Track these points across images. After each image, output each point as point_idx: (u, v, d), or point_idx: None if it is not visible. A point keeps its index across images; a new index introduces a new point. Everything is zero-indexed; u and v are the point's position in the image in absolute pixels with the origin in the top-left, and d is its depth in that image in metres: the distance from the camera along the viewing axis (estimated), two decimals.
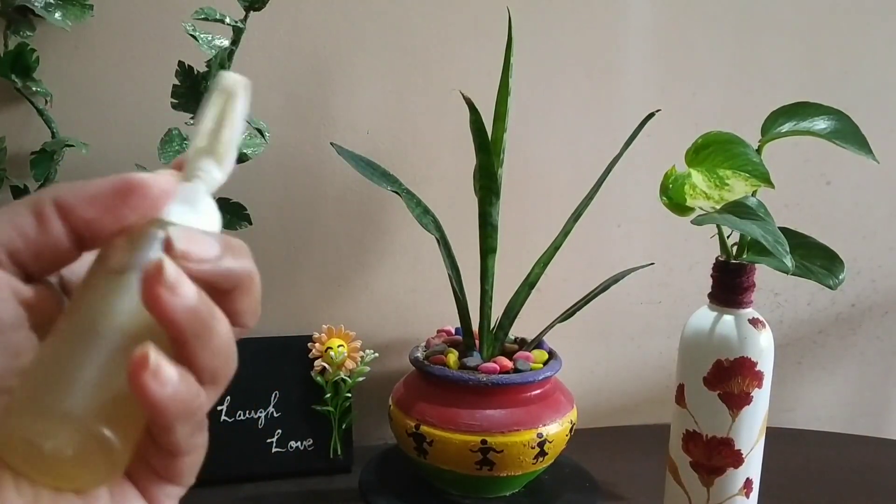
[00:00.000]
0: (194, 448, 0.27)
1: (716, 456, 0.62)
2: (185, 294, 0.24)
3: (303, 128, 0.83)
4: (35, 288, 0.26)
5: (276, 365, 0.78)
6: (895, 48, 0.98)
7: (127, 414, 0.26)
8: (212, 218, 0.30)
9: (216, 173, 0.31)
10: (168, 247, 0.25)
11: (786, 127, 0.62)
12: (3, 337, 0.25)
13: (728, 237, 0.63)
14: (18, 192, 0.72)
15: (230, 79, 0.31)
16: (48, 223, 0.26)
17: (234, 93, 0.31)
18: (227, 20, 0.66)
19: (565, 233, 0.75)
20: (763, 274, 0.63)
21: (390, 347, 0.90)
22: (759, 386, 0.61)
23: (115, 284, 0.26)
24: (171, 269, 0.24)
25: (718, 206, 0.60)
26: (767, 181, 0.60)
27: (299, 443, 0.80)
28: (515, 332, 0.79)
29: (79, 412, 0.24)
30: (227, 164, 0.31)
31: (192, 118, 0.68)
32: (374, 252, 0.88)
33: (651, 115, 0.73)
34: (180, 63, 0.67)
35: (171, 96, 0.67)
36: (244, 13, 0.66)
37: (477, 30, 0.86)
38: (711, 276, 0.64)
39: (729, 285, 0.62)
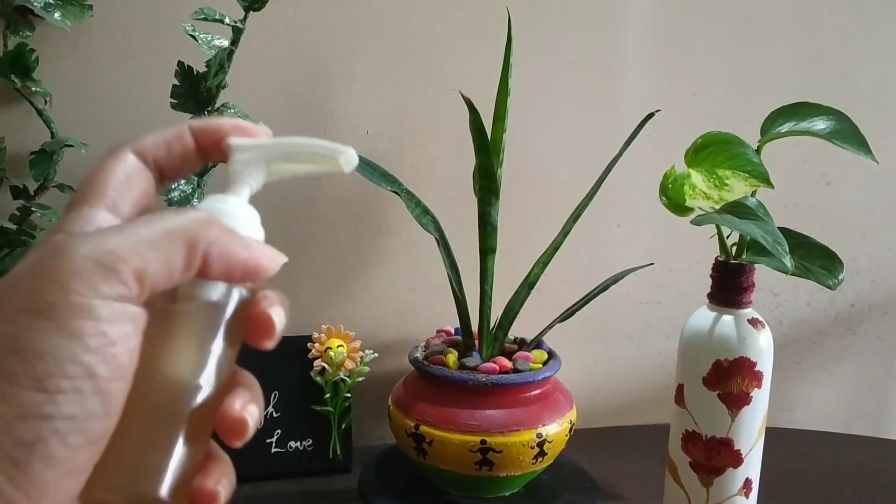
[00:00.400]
0: None
1: (715, 456, 0.62)
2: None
3: (302, 128, 0.83)
4: None
5: (276, 365, 0.78)
6: (894, 48, 0.98)
7: (181, 465, 0.28)
8: (258, 235, 0.32)
9: (259, 185, 0.33)
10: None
11: (785, 127, 0.62)
12: (128, 389, 0.26)
13: (727, 237, 0.63)
14: (18, 193, 0.72)
15: (350, 158, 0.33)
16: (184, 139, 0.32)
17: (340, 168, 0.33)
18: (227, 20, 0.66)
19: (565, 233, 0.75)
20: (762, 274, 0.63)
21: (390, 347, 0.90)
22: (759, 386, 0.61)
23: (177, 320, 0.29)
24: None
25: (718, 207, 0.60)
26: (767, 181, 0.60)
27: (299, 443, 0.80)
28: (515, 332, 0.79)
29: (128, 485, 0.27)
30: (266, 181, 0.33)
31: (191, 118, 0.68)
32: (374, 252, 0.88)
33: (650, 116, 0.73)
34: (180, 63, 0.67)
35: (171, 96, 0.67)
36: (243, 13, 0.66)
37: (476, 30, 0.86)
38: (711, 276, 0.64)
39: (728, 285, 0.62)
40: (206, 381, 0.29)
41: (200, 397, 0.28)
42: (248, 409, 0.30)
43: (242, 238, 0.29)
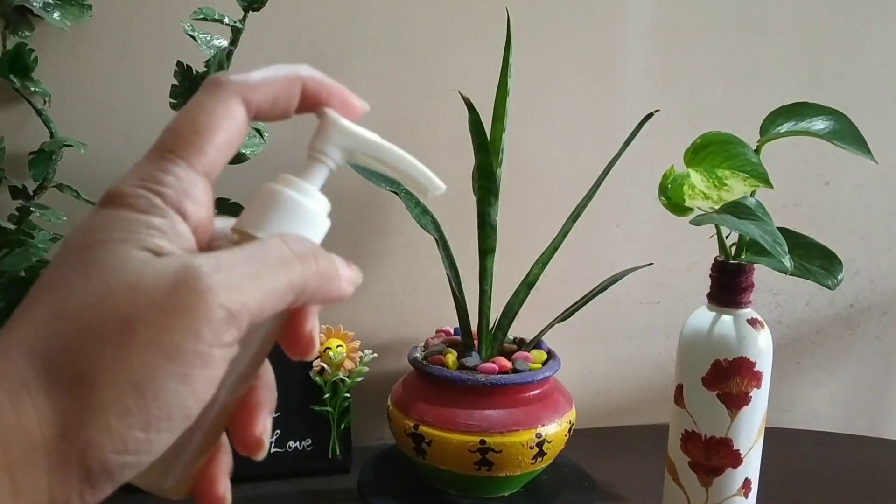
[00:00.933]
0: None
1: (714, 456, 0.62)
2: None
3: (301, 128, 0.83)
4: None
5: (275, 365, 0.78)
6: (893, 48, 0.98)
7: (192, 459, 0.29)
8: (323, 229, 0.31)
9: (338, 164, 0.31)
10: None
11: (784, 127, 0.62)
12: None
13: (727, 237, 0.63)
14: (17, 192, 0.72)
15: (438, 192, 0.33)
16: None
17: (423, 193, 0.33)
18: (226, 20, 0.66)
19: (564, 233, 0.75)
20: (762, 274, 0.63)
21: (389, 348, 0.90)
22: (758, 386, 0.61)
23: None
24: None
25: (717, 207, 0.60)
26: (766, 181, 0.60)
27: (298, 443, 0.80)
28: (514, 332, 0.79)
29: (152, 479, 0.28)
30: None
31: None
32: (373, 252, 0.88)
33: (650, 116, 0.73)
34: (179, 63, 0.67)
35: (170, 96, 0.67)
36: (243, 13, 0.66)
37: (476, 30, 0.86)
38: (710, 276, 0.64)
39: (727, 285, 0.62)
40: (230, 391, 0.29)
41: (220, 405, 0.29)
42: (266, 429, 0.30)
43: (338, 274, 0.30)
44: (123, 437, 0.23)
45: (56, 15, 0.70)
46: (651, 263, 0.82)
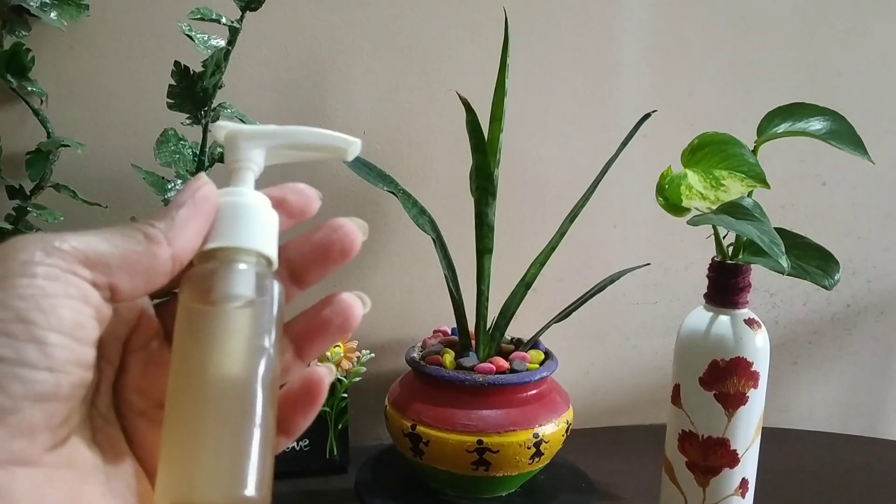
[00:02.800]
0: None
1: (711, 456, 0.62)
2: None
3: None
4: (121, 307, 0.28)
5: None
6: (890, 49, 0.98)
7: (263, 460, 0.28)
8: (274, 220, 0.31)
9: (261, 170, 0.32)
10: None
11: (781, 128, 0.62)
12: (80, 351, 0.26)
13: (724, 238, 0.64)
14: (14, 192, 0.72)
15: (357, 149, 0.33)
16: (159, 248, 0.28)
17: (346, 157, 0.33)
18: (224, 20, 0.66)
19: (561, 233, 0.75)
20: (759, 274, 0.63)
21: (386, 348, 0.90)
22: (755, 386, 0.61)
23: (221, 321, 0.28)
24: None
25: (714, 207, 0.60)
26: (763, 182, 0.60)
27: (295, 443, 0.80)
28: (512, 332, 0.79)
29: (220, 488, 0.27)
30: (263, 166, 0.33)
31: (187, 118, 0.68)
32: (371, 252, 0.88)
33: (647, 116, 0.73)
34: (176, 63, 0.67)
35: (167, 96, 0.67)
36: (240, 13, 0.66)
37: (473, 30, 0.86)
38: (707, 276, 0.64)
39: (725, 286, 0.62)
40: (267, 375, 0.29)
41: (266, 391, 0.28)
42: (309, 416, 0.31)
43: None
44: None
45: (53, 14, 0.70)
46: (648, 264, 0.82)
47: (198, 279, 0.29)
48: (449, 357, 0.74)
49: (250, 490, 0.27)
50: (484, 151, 0.71)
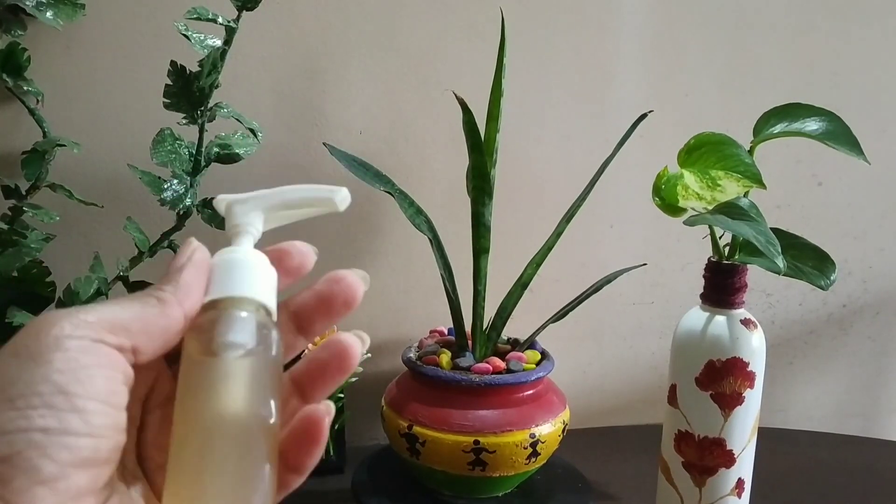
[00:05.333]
0: None
1: (708, 456, 0.62)
2: None
3: (295, 128, 0.83)
4: (140, 368, 0.30)
5: None
6: (886, 50, 0.98)
7: (265, 493, 0.29)
8: (271, 274, 0.32)
9: (260, 233, 0.34)
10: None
11: (778, 128, 0.62)
12: (115, 416, 0.27)
13: (720, 238, 0.64)
14: (9, 192, 0.71)
15: (345, 197, 0.34)
16: (171, 308, 0.30)
17: (336, 208, 0.34)
18: (220, 20, 0.65)
19: (558, 233, 0.75)
20: (755, 274, 0.63)
21: (383, 348, 0.90)
22: (751, 386, 0.61)
23: (224, 368, 0.29)
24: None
25: (710, 207, 0.60)
26: (759, 182, 0.60)
27: None
28: (508, 332, 0.79)
29: None
30: (264, 228, 0.34)
31: (184, 118, 0.68)
32: (367, 252, 0.88)
33: (643, 116, 0.73)
34: (172, 63, 0.67)
35: (164, 96, 0.67)
36: (237, 13, 0.66)
37: (470, 30, 0.86)
38: (703, 276, 0.64)
39: (721, 286, 0.62)
40: (268, 421, 0.30)
41: (266, 436, 0.29)
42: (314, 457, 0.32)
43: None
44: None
45: (49, 14, 0.70)
46: (645, 264, 0.82)
47: (199, 329, 0.30)
48: (445, 357, 0.74)
49: None
50: (480, 151, 0.71)
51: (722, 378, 0.61)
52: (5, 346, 0.27)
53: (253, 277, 0.31)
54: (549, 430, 0.71)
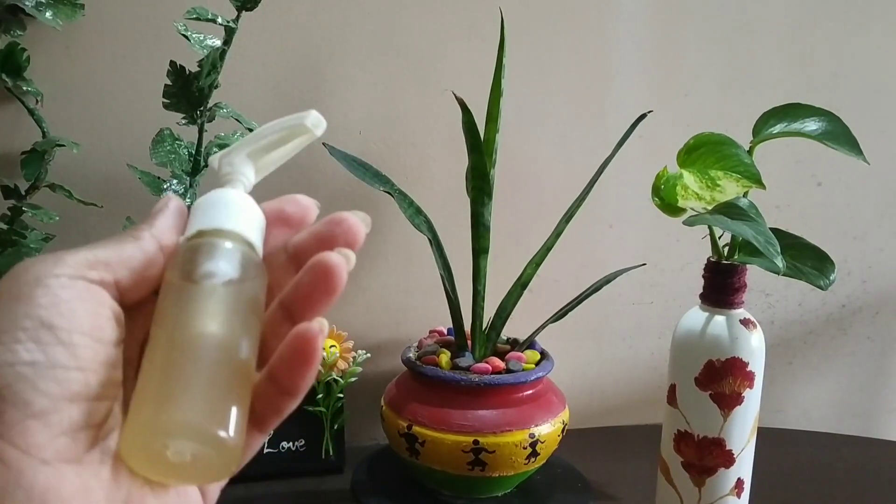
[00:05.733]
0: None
1: (707, 456, 0.62)
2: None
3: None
4: (135, 312, 0.30)
5: None
6: (885, 50, 0.98)
7: (237, 409, 0.28)
8: (258, 215, 0.32)
9: (252, 180, 0.34)
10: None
11: (777, 128, 0.62)
12: (104, 351, 0.27)
13: (719, 238, 0.64)
14: (9, 192, 0.71)
15: (316, 119, 0.34)
16: (147, 243, 0.30)
17: (311, 131, 0.34)
18: (219, 20, 0.65)
19: (557, 233, 0.75)
20: (754, 275, 0.63)
21: (382, 348, 0.90)
22: (751, 386, 0.61)
23: (201, 293, 0.29)
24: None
25: (710, 207, 0.60)
26: (759, 182, 0.60)
27: (291, 443, 0.80)
28: (507, 332, 0.79)
29: (193, 420, 0.27)
30: (259, 177, 0.34)
31: (183, 118, 0.68)
32: (367, 252, 0.88)
33: (643, 116, 0.73)
34: (172, 63, 0.67)
35: (163, 96, 0.67)
36: (236, 13, 0.66)
37: (469, 31, 0.86)
38: (703, 276, 0.64)
39: (720, 286, 0.62)
40: (242, 345, 0.29)
41: (240, 361, 0.29)
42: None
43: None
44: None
45: (48, 14, 0.70)
46: (644, 264, 0.82)
47: (181, 258, 0.30)
48: (445, 357, 0.74)
49: (224, 431, 0.27)
50: (480, 152, 0.71)
51: (721, 378, 0.61)
52: None
53: (238, 214, 0.31)
54: (548, 430, 0.71)
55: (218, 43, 0.68)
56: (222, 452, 0.27)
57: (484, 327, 0.77)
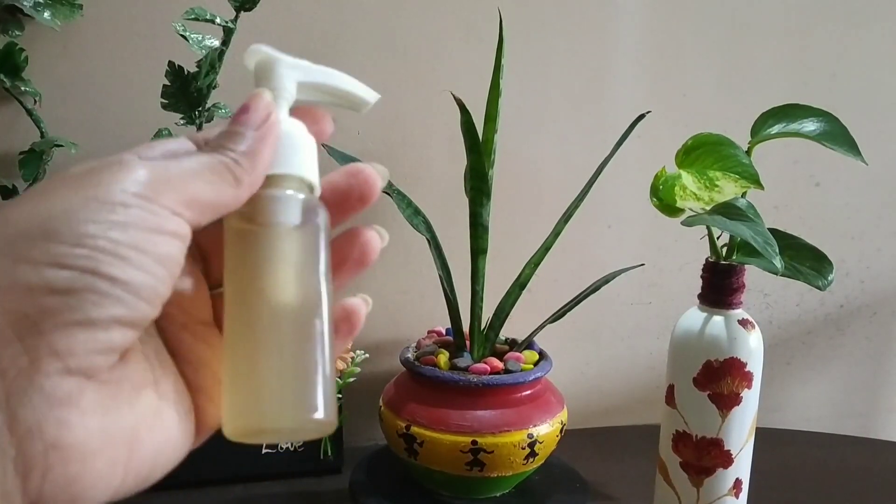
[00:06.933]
0: None
1: (705, 456, 0.62)
2: None
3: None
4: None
5: None
6: (883, 50, 0.98)
7: (328, 384, 0.28)
8: (311, 145, 0.31)
9: (294, 96, 0.33)
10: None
11: (775, 129, 0.62)
12: (168, 288, 0.27)
13: (718, 238, 0.64)
14: (7, 192, 0.71)
15: (373, 102, 0.34)
16: (244, 191, 0.29)
17: (360, 109, 0.34)
18: (218, 20, 0.65)
19: (556, 234, 0.75)
20: (752, 275, 0.63)
21: (381, 348, 0.90)
22: (749, 386, 0.61)
23: (278, 239, 0.29)
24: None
25: (708, 208, 0.60)
26: (757, 182, 0.60)
27: (289, 444, 0.79)
28: (506, 332, 0.79)
29: (291, 413, 0.27)
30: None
31: (182, 118, 0.68)
32: None
33: (641, 117, 0.73)
34: (170, 63, 0.67)
35: (161, 96, 0.67)
36: (235, 13, 0.66)
37: (468, 31, 0.86)
38: (701, 276, 0.64)
39: (719, 286, 0.62)
40: (323, 297, 0.29)
41: (323, 313, 0.29)
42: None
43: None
44: (55, 251, 0.24)
45: (46, 14, 0.70)
46: (642, 264, 0.82)
47: (246, 205, 0.29)
48: (443, 357, 0.74)
49: (319, 413, 0.27)
50: (479, 152, 0.71)
51: (720, 378, 0.61)
52: (74, 175, 0.26)
53: (298, 152, 0.30)
54: (546, 430, 0.71)
55: (216, 43, 0.68)
56: (319, 428, 0.28)
57: (482, 327, 0.77)
